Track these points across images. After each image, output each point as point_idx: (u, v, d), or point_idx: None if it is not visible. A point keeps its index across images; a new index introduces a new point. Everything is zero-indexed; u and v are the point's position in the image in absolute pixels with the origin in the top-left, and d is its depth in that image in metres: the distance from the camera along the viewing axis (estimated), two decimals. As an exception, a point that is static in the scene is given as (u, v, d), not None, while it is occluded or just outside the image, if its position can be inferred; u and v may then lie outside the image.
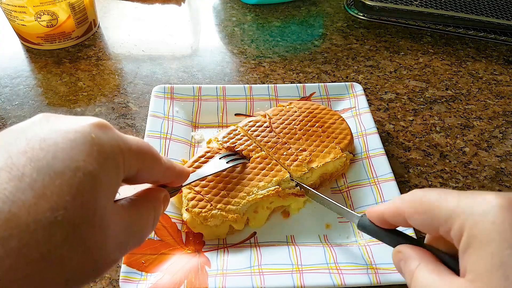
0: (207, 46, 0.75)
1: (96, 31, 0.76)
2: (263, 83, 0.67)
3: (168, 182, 0.30)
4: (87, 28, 0.72)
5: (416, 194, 0.26)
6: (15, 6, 0.64)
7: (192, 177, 0.38)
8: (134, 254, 0.41)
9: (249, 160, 0.48)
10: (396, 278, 0.40)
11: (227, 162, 0.46)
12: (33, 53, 0.70)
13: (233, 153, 0.48)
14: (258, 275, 0.40)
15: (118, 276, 0.40)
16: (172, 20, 0.81)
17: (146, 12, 0.83)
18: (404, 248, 0.26)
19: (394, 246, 0.28)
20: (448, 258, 0.25)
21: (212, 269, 0.41)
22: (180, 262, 0.41)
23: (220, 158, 0.47)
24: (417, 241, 0.27)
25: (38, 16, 0.65)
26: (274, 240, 0.45)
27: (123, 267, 0.40)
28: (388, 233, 0.29)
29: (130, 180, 0.26)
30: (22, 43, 0.72)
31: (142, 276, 0.39)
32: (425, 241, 0.28)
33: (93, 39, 0.74)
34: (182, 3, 0.86)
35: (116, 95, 0.63)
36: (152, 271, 0.40)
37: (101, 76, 0.67)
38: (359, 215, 0.32)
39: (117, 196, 0.25)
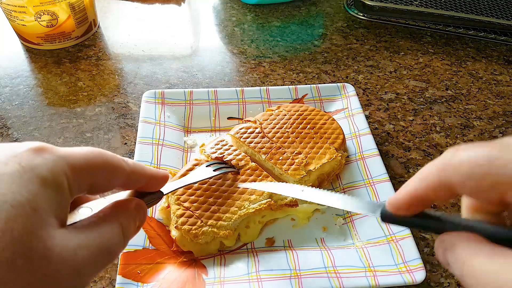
0: (207, 46, 0.75)
1: (96, 31, 0.76)
2: (263, 83, 0.67)
3: (139, 186, 0.28)
4: (87, 28, 0.72)
5: (462, 156, 0.21)
6: (15, 6, 0.64)
7: (175, 185, 0.35)
8: (129, 264, 0.40)
9: (238, 171, 0.47)
10: (395, 280, 0.40)
11: (214, 170, 0.45)
12: (33, 53, 0.70)
13: (221, 162, 0.47)
14: (256, 282, 0.39)
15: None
16: (172, 20, 0.81)
17: (146, 12, 0.83)
18: (447, 237, 0.22)
19: (433, 231, 0.24)
20: (501, 231, 0.21)
21: (209, 277, 0.40)
22: (176, 271, 0.40)
23: (207, 166, 0.45)
24: (458, 220, 0.23)
25: (38, 16, 0.65)
26: (271, 245, 0.45)
27: (118, 278, 0.38)
28: (421, 218, 0.24)
29: (92, 192, 0.24)
30: (22, 43, 0.72)
31: (138, 286, 0.38)
32: (463, 207, 0.24)
33: (93, 39, 0.74)
34: (182, 3, 0.86)
35: (116, 95, 0.63)
36: (148, 281, 0.39)
37: (101, 76, 0.67)
38: (379, 204, 0.27)
39: (88, 213, 0.24)
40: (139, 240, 0.42)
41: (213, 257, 0.43)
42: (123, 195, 0.28)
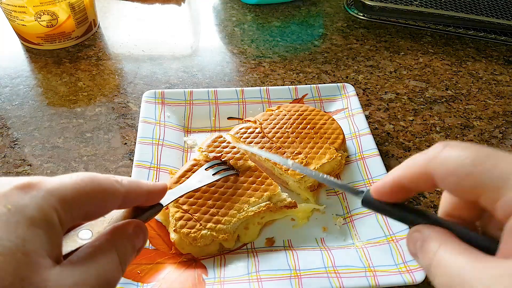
0: (207, 46, 0.75)
1: (96, 31, 0.76)
2: (263, 83, 0.67)
3: (137, 204, 0.27)
4: (87, 28, 0.72)
5: (450, 153, 0.21)
6: (15, 6, 0.64)
7: (174, 195, 0.34)
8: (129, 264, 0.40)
9: (238, 172, 0.46)
10: (395, 280, 0.40)
11: (213, 174, 0.44)
12: (33, 53, 0.70)
13: (220, 162, 0.46)
14: (256, 282, 0.39)
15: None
16: (172, 20, 0.81)
17: (146, 12, 0.83)
18: (422, 228, 0.23)
19: (408, 223, 0.25)
20: (473, 235, 0.22)
21: (209, 277, 0.40)
22: (176, 271, 0.40)
23: (206, 169, 0.44)
24: (434, 217, 0.23)
25: (38, 16, 0.65)
26: (271, 245, 0.45)
27: None
28: (399, 209, 0.25)
29: (87, 220, 0.24)
30: (22, 43, 0.72)
31: (138, 286, 0.38)
32: (440, 210, 0.25)
33: (93, 39, 0.74)
34: (182, 3, 0.86)
35: (116, 95, 0.63)
36: (148, 281, 0.39)
37: (101, 76, 0.67)
38: (362, 189, 0.27)
39: (88, 235, 0.24)
40: (139, 240, 0.42)
41: (213, 257, 0.43)
42: (121, 212, 0.28)
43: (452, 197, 0.24)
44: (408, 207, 0.25)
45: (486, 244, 0.21)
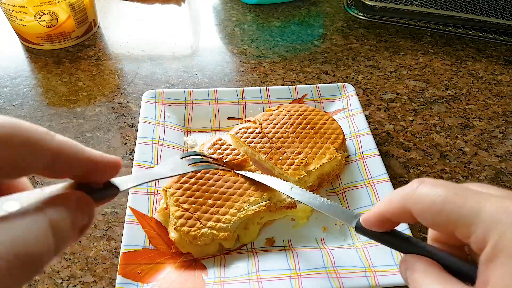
0: (207, 46, 0.75)
1: (96, 31, 0.76)
2: (263, 83, 0.67)
3: (72, 173, 0.21)
4: (87, 28, 0.72)
5: (423, 191, 0.23)
6: (15, 6, 0.64)
7: (137, 179, 0.28)
8: (129, 264, 0.40)
9: (219, 167, 0.46)
10: (395, 280, 0.39)
11: (189, 165, 0.38)
12: (33, 53, 0.70)
13: (199, 154, 0.45)
14: (256, 282, 0.39)
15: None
16: (172, 20, 0.81)
17: (146, 12, 0.83)
18: (409, 258, 0.25)
19: (398, 250, 0.27)
20: (457, 263, 0.24)
21: (209, 277, 0.40)
22: (176, 271, 0.40)
23: (182, 158, 0.39)
24: (422, 245, 0.26)
25: (38, 16, 0.65)
26: (270, 245, 0.45)
27: (118, 278, 0.38)
28: (390, 236, 0.27)
29: (3, 175, 0.19)
30: (22, 43, 0.72)
31: (138, 286, 0.38)
32: (429, 235, 0.27)
33: (93, 39, 0.74)
34: (182, 3, 0.86)
35: (116, 95, 0.63)
36: (148, 281, 0.39)
37: (101, 76, 0.67)
38: (357, 214, 0.30)
39: (14, 207, 0.19)
40: (139, 240, 0.42)
41: (213, 257, 0.43)
42: (63, 187, 0.22)
43: None
44: (399, 234, 0.27)
45: (469, 272, 0.23)
